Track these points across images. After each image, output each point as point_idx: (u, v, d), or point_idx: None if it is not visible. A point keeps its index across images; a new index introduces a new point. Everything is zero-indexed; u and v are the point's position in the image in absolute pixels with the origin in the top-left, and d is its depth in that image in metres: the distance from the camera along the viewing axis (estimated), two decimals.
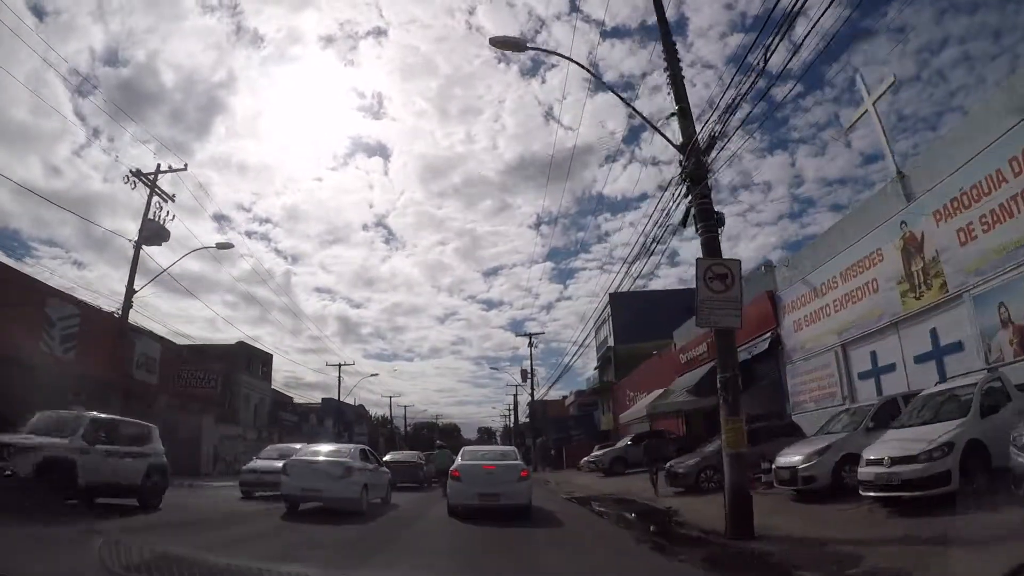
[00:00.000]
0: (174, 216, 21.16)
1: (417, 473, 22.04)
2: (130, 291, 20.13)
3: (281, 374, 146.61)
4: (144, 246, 20.50)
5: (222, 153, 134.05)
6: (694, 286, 8.88)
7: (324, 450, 12.62)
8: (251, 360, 43.14)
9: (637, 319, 45.43)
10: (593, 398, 58.77)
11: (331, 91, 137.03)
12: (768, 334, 19.85)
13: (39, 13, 70.00)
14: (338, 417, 47.58)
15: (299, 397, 58.20)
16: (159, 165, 21.84)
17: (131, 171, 20.84)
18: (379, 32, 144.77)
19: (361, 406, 71.74)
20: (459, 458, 12.21)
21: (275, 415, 46.03)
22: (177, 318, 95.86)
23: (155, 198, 20.70)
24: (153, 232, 20.54)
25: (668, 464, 15.88)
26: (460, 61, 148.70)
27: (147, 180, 21.00)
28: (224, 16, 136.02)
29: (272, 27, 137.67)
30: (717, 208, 9.28)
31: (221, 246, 20.73)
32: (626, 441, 26.04)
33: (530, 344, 42.24)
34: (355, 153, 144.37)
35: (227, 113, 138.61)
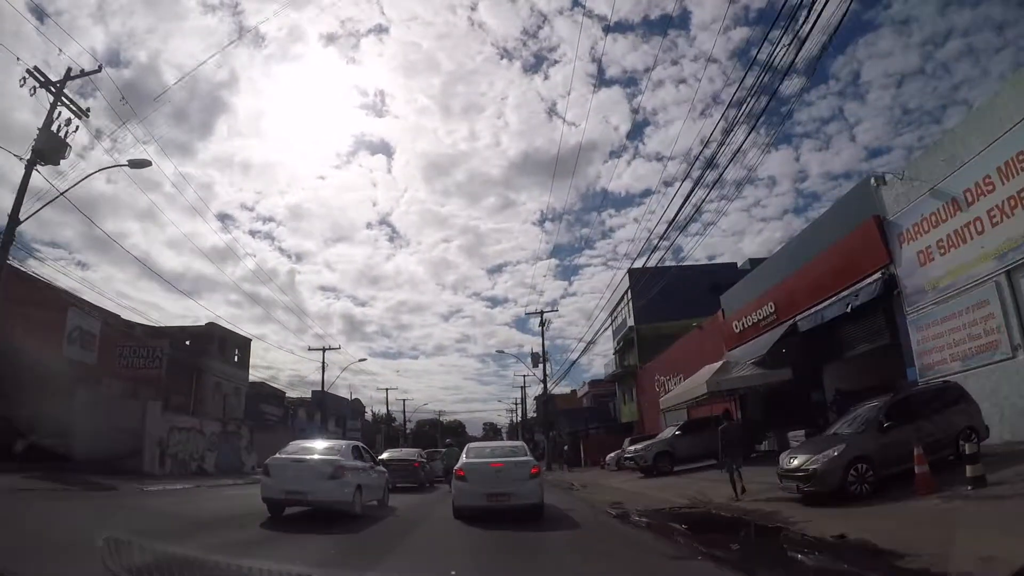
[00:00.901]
0: (81, 130, 15.73)
1: (417, 473, 19.77)
2: (14, 220, 14.91)
3: (286, 373, 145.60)
4: (38, 164, 15.29)
5: (224, 152, 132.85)
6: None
7: (312, 447, 11.29)
8: (224, 344, 37.95)
9: (659, 297, 40.24)
10: (609, 388, 53.43)
11: (333, 89, 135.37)
12: (877, 275, 14.46)
13: (39, 15, 67.49)
14: (323, 410, 42.23)
15: (298, 393, 53.35)
16: (69, 69, 16.57)
17: (30, 71, 15.58)
18: (381, 29, 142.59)
19: (357, 400, 66.61)
20: (464, 455, 11.29)
21: (255, 408, 40.84)
22: (184, 318, 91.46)
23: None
24: (49, 145, 15.32)
25: (785, 457, 10.35)
26: (462, 58, 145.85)
27: (53, 85, 15.77)
28: (225, 15, 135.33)
29: (273, 25, 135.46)
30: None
31: (135, 163, 15.50)
32: (672, 431, 20.63)
33: (541, 324, 36.97)
34: (358, 151, 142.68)
35: (229, 112, 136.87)
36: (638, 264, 29.83)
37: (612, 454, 27.61)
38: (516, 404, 71.82)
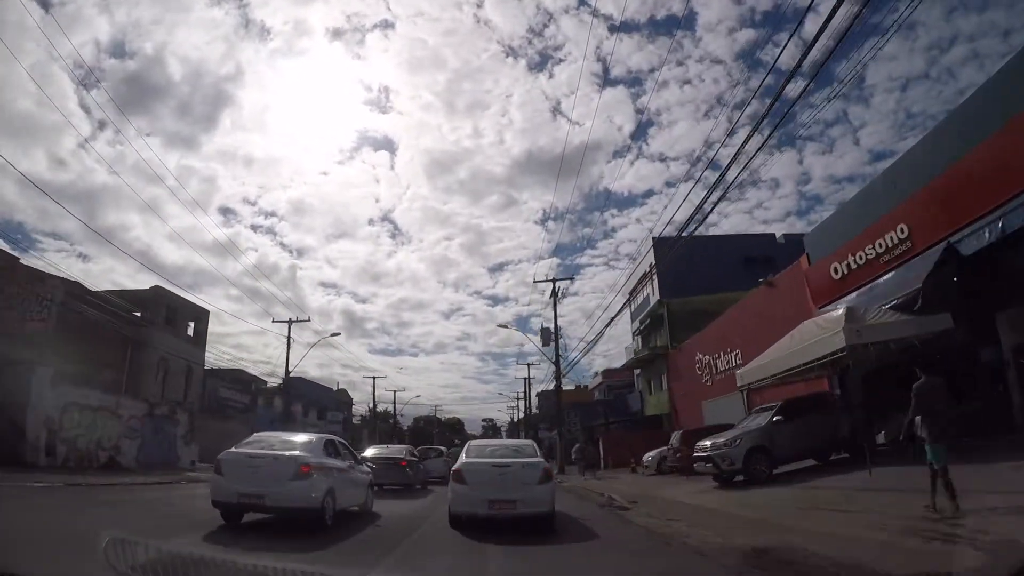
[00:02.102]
0: None
1: (405, 472, 17.25)
2: None
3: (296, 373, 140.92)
4: None
5: (228, 146, 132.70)
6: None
7: (276, 440, 9.28)
8: (173, 314, 31.77)
9: (687, 270, 34.29)
10: (625, 378, 47.14)
11: (338, 84, 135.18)
12: None
13: (45, 4, 67.16)
14: (289, 396, 35.76)
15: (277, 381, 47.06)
16: None
17: None
18: (386, 25, 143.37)
19: (344, 391, 60.33)
20: (463, 455, 9.82)
21: (213, 393, 34.66)
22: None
23: None
24: None
25: None
26: (468, 55, 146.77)
27: None
28: (231, 8, 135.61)
29: (279, 19, 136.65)
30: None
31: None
32: (768, 416, 13.44)
33: (555, 293, 30.58)
34: (361, 147, 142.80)
35: (233, 106, 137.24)
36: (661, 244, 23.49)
37: (650, 454, 21.39)
38: (517, 399, 65.52)
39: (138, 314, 28.91)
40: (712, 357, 24.13)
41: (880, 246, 14.04)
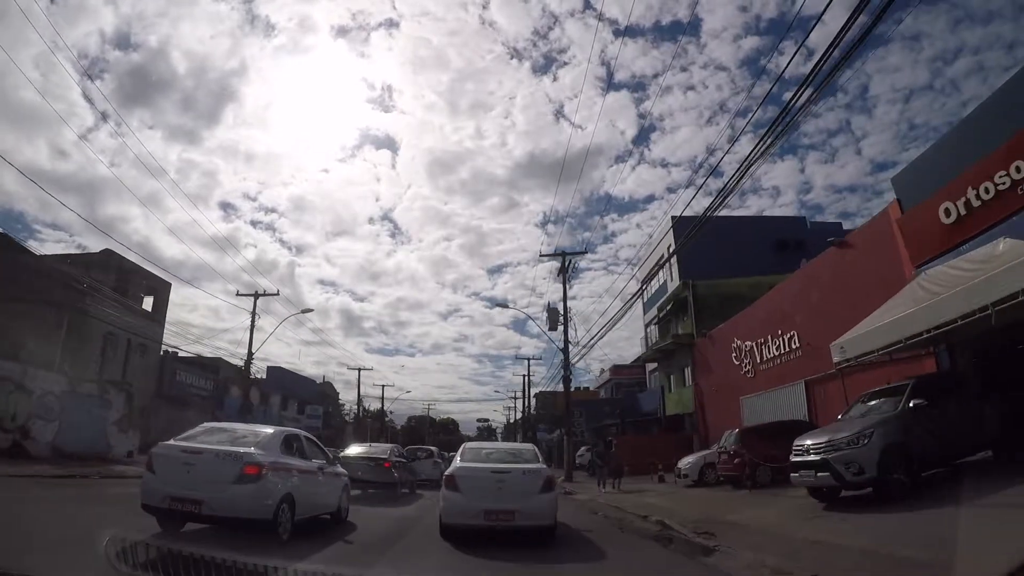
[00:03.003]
0: None
1: (388, 474, 15.17)
2: None
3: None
4: None
5: (230, 141, 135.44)
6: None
7: (224, 432, 7.88)
8: (125, 283, 27.73)
9: (710, 253, 30.52)
10: (636, 375, 43.07)
11: (341, 82, 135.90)
12: None
13: None
14: (246, 381, 31.22)
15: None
16: None
17: None
18: (391, 24, 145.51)
19: (329, 384, 56.10)
20: (458, 458, 9.05)
21: (170, 376, 30.55)
22: (181, 306, 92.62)
23: None
24: None
25: None
26: (472, 55, 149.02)
27: None
28: (237, 3, 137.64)
29: (284, 16, 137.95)
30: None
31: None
32: (899, 401, 8.79)
33: (564, 266, 26.37)
34: (363, 145, 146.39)
35: (236, 101, 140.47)
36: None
37: (688, 459, 17.21)
38: (514, 398, 61.37)
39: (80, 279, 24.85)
40: (756, 343, 20.05)
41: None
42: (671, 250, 31.81)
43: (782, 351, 18.31)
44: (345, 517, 9.59)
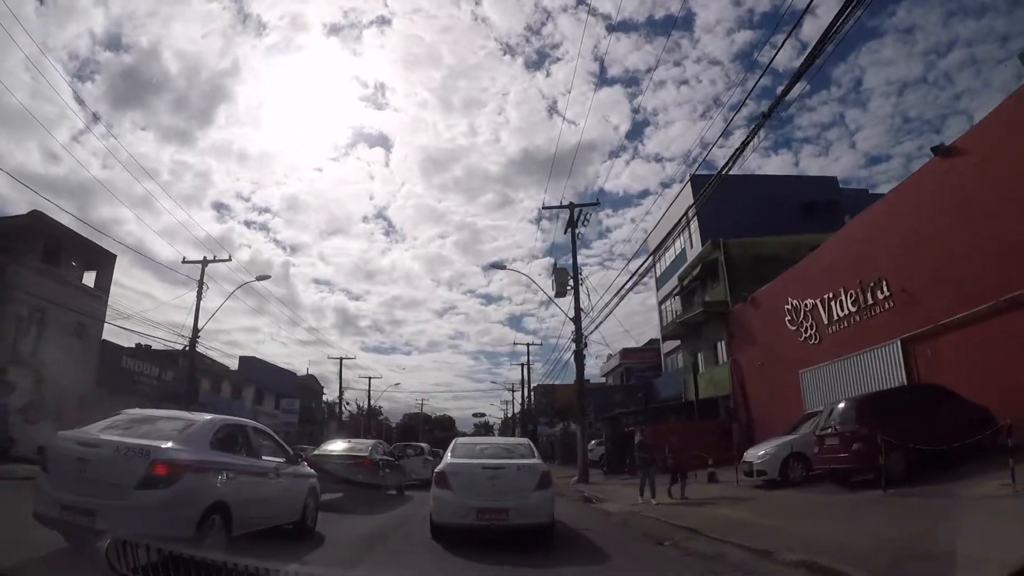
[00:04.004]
0: None
1: (371, 475, 13.19)
2: None
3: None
4: None
5: (222, 141, 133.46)
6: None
7: (137, 422, 6.21)
8: (56, 251, 23.46)
9: (736, 215, 26.90)
10: (650, 359, 39.18)
11: (333, 80, 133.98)
12: None
13: None
14: (192, 365, 26.77)
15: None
16: None
17: None
18: (383, 21, 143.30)
19: (312, 377, 51.71)
20: (448, 454, 8.62)
21: (115, 362, 26.26)
22: (180, 309, 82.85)
23: None
24: None
25: None
26: (464, 52, 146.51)
27: None
28: (228, 2, 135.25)
29: (275, 14, 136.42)
30: None
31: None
32: None
33: (573, 219, 22.11)
34: (356, 143, 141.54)
35: (228, 101, 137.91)
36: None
37: (764, 448, 12.90)
38: (512, 390, 57.35)
39: None
40: (821, 301, 16.10)
41: None
42: (689, 212, 27.83)
43: (863, 304, 14.39)
44: (312, 527, 8.09)
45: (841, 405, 10.57)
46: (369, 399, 50.46)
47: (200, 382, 40.43)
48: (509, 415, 65.16)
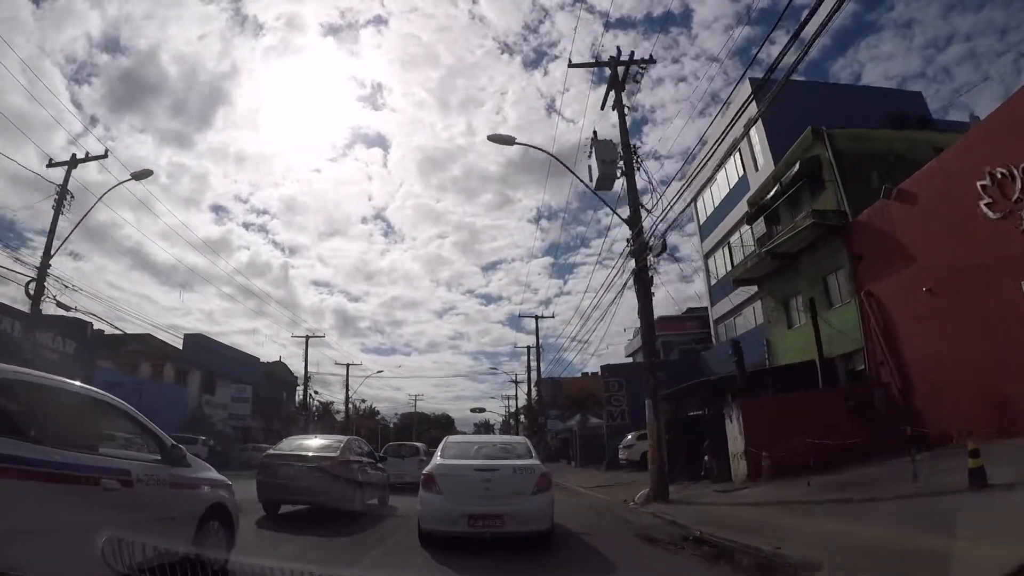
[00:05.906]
0: None
1: (335, 485, 10.05)
2: None
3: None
4: None
5: (220, 143, 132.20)
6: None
7: None
8: None
9: (806, 128, 19.47)
10: (689, 330, 31.84)
11: (331, 81, 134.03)
12: None
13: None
14: (86, 337, 19.52)
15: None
16: None
17: None
18: (380, 21, 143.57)
19: (281, 364, 44.13)
20: (438, 454, 7.89)
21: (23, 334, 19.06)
22: (176, 311, 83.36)
23: None
24: None
25: None
26: (462, 51, 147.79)
27: None
28: (225, 4, 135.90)
29: (272, 15, 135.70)
30: None
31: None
32: None
33: (617, 77, 14.71)
34: (354, 144, 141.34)
35: (226, 103, 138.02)
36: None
37: None
38: (516, 382, 49.82)
39: None
40: None
41: None
42: (751, 122, 20.35)
43: None
44: (224, 564, 4.24)
45: None
46: (348, 388, 42.88)
47: (140, 365, 33.53)
48: (512, 410, 57.67)
